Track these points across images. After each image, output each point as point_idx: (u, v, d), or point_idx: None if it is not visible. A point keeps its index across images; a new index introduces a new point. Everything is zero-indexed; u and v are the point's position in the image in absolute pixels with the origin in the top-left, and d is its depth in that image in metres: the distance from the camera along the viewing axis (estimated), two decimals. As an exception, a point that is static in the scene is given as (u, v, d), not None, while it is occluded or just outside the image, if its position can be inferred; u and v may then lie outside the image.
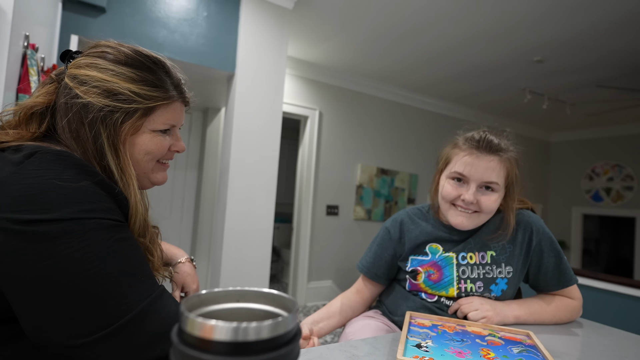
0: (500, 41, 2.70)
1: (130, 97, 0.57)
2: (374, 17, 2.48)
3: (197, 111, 3.39)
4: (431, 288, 0.92)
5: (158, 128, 0.61)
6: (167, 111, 0.62)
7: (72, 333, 0.45)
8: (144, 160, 0.62)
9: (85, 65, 0.57)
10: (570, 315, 0.91)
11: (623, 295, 2.10)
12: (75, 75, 0.56)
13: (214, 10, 2.11)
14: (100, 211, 0.49)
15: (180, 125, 0.68)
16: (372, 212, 3.81)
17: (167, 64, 0.64)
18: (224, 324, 0.24)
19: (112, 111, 0.56)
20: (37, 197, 0.46)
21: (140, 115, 0.58)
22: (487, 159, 0.86)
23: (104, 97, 0.55)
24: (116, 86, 0.56)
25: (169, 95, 0.61)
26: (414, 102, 4.15)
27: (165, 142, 0.63)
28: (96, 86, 0.55)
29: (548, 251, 0.92)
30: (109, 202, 0.52)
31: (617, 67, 3.04)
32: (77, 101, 0.55)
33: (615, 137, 4.85)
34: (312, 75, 3.47)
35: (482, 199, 0.86)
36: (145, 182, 0.65)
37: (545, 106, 3.82)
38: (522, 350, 0.67)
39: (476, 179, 0.86)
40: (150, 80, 0.59)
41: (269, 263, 2.26)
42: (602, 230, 5.48)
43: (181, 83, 0.65)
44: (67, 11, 1.77)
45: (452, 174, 0.90)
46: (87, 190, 0.49)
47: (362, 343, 0.71)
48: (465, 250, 0.93)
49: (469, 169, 0.86)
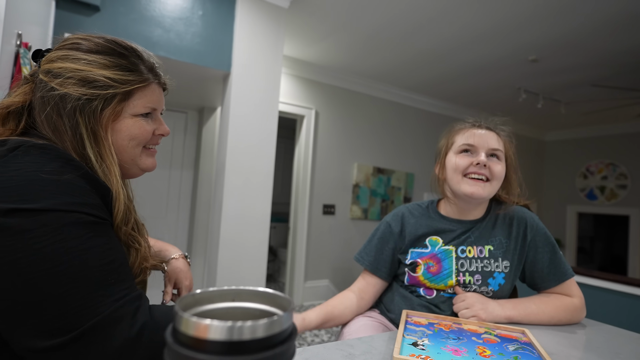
0: (496, 40, 2.71)
1: (106, 83, 0.57)
2: (370, 16, 2.48)
3: (193, 110, 3.37)
4: (430, 281, 0.93)
5: (139, 112, 0.61)
6: (145, 94, 0.62)
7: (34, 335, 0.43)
8: (130, 147, 0.62)
9: (58, 59, 0.57)
10: (571, 316, 0.88)
11: (617, 292, 2.12)
12: (48, 70, 0.56)
13: (210, 9, 2.11)
14: (82, 205, 0.48)
15: (162, 110, 0.67)
16: (368, 211, 3.82)
17: (139, 49, 0.64)
18: (219, 323, 0.23)
19: (90, 99, 0.56)
20: (17, 189, 0.45)
21: (119, 100, 0.59)
22: (488, 131, 0.94)
23: (80, 86, 0.56)
24: (91, 74, 0.56)
25: (144, 77, 0.61)
26: (410, 101, 4.16)
27: (148, 127, 0.63)
28: (70, 77, 0.55)
29: (542, 246, 0.93)
30: (92, 197, 0.50)
31: (611, 67, 3.06)
32: (54, 93, 0.55)
33: (610, 136, 4.89)
34: (308, 75, 3.47)
35: (491, 165, 0.91)
36: (135, 169, 0.64)
37: (540, 105, 3.84)
38: (518, 348, 0.68)
39: (484, 147, 0.92)
40: (124, 65, 0.59)
41: (266, 262, 2.25)
42: (596, 228, 5.52)
43: (155, 66, 0.65)
44: (61, 10, 1.75)
45: (461, 146, 0.95)
46: (70, 183, 0.48)
47: (358, 342, 0.71)
48: (465, 244, 0.94)
49: (477, 139, 0.93)
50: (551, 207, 5.43)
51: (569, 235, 5.17)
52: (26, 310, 0.42)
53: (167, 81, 0.68)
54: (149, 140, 0.64)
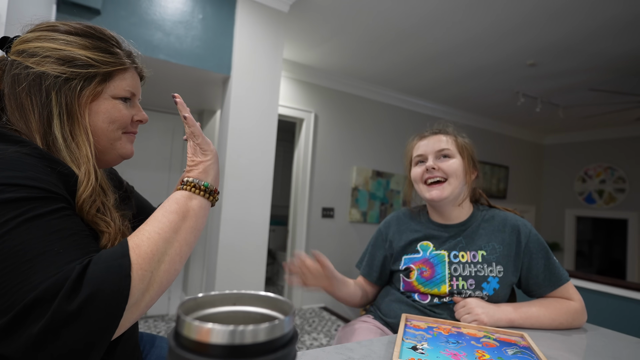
0: (494, 44, 2.73)
1: (87, 62, 0.56)
2: (369, 20, 2.49)
3: (193, 113, 3.37)
4: (424, 285, 0.94)
5: (119, 94, 0.61)
6: (125, 78, 0.62)
7: None
8: (110, 130, 0.60)
9: (35, 39, 0.56)
10: (572, 319, 0.88)
11: (616, 296, 2.12)
12: (22, 50, 0.55)
13: (210, 12, 2.11)
14: (25, 179, 0.45)
15: (139, 98, 0.67)
16: (367, 214, 3.82)
17: (116, 37, 0.64)
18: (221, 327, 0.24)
19: (69, 78, 0.55)
20: None
21: (100, 81, 0.58)
22: (434, 137, 1.02)
23: (59, 64, 0.55)
24: (70, 53, 0.55)
25: (123, 61, 0.61)
26: (409, 104, 4.17)
27: (126, 111, 0.62)
28: (48, 55, 0.54)
29: (537, 252, 0.93)
30: (40, 171, 0.48)
31: (609, 71, 3.08)
32: (30, 71, 0.54)
33: (608, 140, 4.91)
34: (307, 78, 3.48)
35: (442, 165, 0.97)
36: (113, 154, 0.63)
37: (538, 109, 3.86)
38: (517, 352, 0.68)
39: (431, 151, 1.00)
40: (103, 48, 0.59)
41: (265, 266, 2.25)
42: (595, 232, 5.53)
43: (132, 54, 0.65)
44: (62, 13, 1.76)
45: (415, 159, 1.04)
46: (14, 159, 0.46)
47: (357, 346, 0.71)
48: (457, 249, 0.96)
49: (423, 148, 1.02)
50: (550, 211, 5.44)
51: (567, 239, 5.18)
52: None
53: (144, 70, 0.68)
54: (128, 125, 0.63)
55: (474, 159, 1.02)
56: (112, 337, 0.43)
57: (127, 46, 0.65)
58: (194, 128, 0.62)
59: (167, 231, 0.51)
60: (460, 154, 0.99)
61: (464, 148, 1.00)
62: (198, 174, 0.60)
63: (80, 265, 0.43)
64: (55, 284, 0.40)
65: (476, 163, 1.03)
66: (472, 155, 1.02)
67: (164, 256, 0.49)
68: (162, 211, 0.53)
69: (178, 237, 0.52)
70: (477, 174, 1.03)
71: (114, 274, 0.43)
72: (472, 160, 1.02)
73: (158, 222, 0.51)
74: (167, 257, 0.50)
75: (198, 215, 0.56)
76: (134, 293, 0.45)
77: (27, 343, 0.39)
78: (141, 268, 0.46)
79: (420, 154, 1.02)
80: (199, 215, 0.56)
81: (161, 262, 0.49)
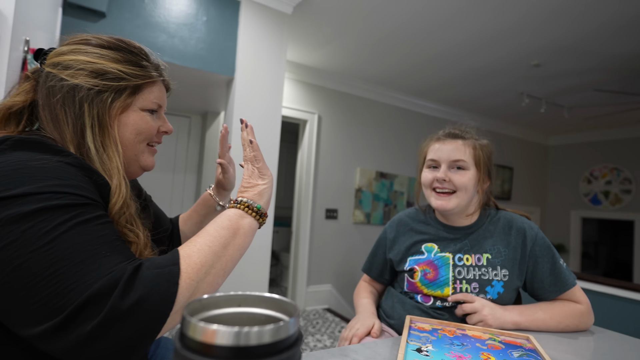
0: (498, 45, 2.72)
1: (118, 75, 0.58)
2: (373, 21, 2.49)
3: (197, 115, 3.39)
4: (427, 287, 0.94)
5: (147, 107, 0.63)
6: (153, 90, 0.64)
7: (32, 320, 0.41)
8: (136, 141, 0.62)
9: (69, 52, 0.58)
10: (578, 322, 0.87)
11: (622, 298, 2.10)
12: (57, 62, 0.57)
13: (214, 15, 2.12)
14: (69, 187, 0.47)
15: (165, 109, 0.69)
16: (371, 215, 3.81)
17: (145, 49, 0.66)
18: (226, 329, 0.24)
19: (101, 91, 0.57)
20: (3, 179, 0.44)
21: (129, 94, 0.60)
22: (451, 143, 0.96)
23: (92, 77, 0.57)
24: (103, 66, 0.57)
25: (151, 74, 0.63)
26: (413, 105, 4.17)
27: (153, 123, 0.64)
28: (82, 68, 0.56)
29: (543, 256, 0.92)
30: (82, 180, 0.50)
31: (614, 71, 3.06)
32: (64, 84, 0.56)
33: (613, 141, 4.87)
34: (311, 80, 3.48)
35: (454, 177, 0.94)
36: (135, 167, 0.65)
37: (543, 110, 3.84)
38: (523, 354, 0.67)
39: (445, 160, 0.96)
40: (134, 61, 0.61)
41: (268, 267, 2.25)
42: (600, 233, 5.48)
43: (160, 66, 0.67)
44: (67, 16, 1.77)
45: (427, 162, 1.00)
46: (57, 168, 0.48)
47: (362, 347, 0.70)
48: (462, 252, 0.95)
49: (438, 154, 0.97)
50: (555, 212, 5.40)
51: (573, 240, 5.14)
52: (19, 297, 0.41)
53: (171, 82, 0.70)
54: (153, 136, 0.65)
55: (489, 167, 0.98)
56: (152, 341, 0.44)
57: (155, 59, 0.67)
58: (257, 153, 0.66)
59: (217, 245, 0.53)
60: (475, 165, 0.95)
61: (480, 158, 0.95)
62: (253, 195, 0.62)
63: (132, 266, 0.44)
64: (109, 282, 0.41)
65: (491, 171, 0.99)
66: (489, 163, 0.98)
67: (210, 269, 0.51)
68: (214, 226, 0.55)
69: (226, 252, 0.54)
70: (491, 182, 1.00)
71: (165, 279, 0.45)
72: (487, 169, 0.97)
73: (209, 236, 0.53)
74: (213, 270, 0.51)
75: (247, 234, 0.58)
76: (179, 300, 0.46)
77: (76, 341, 0.40)
78: (189, 277, 0.47)
79: (434, 159, 0.98)
80: (248, 235, 0.58)
81: (207, 274, 0.50)
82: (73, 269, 0.42)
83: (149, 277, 0.44)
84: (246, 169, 0.66)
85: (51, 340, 0.40)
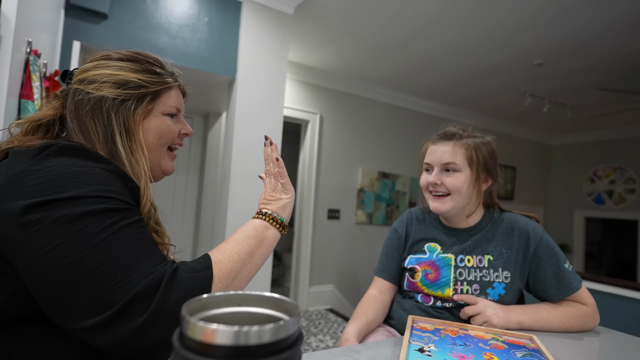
0: (501, 45, 2.71)
1: (138, 83, 0.63)
2: (375, 21, 2.49)
3: (199, 116, 3.40)
4: (428, 287, 0.94)
5: (167, 111, 0.67)
6: (171, 95, 0.68)
7: (81, 315, 0.44)
8: (159, 145, 0.67)
9: (93, 68, 0.63)
10: (583, 323, 0.86)
11: (626, 298, 2.08)
12: (83, 79, 0.62)
13: (215, 15, 2.13)
14: (112, 192, 0.51)
15: (183, 113, 0.73)
16: (373, 215, 3.81)
17: (160, 59, 0.70)
18: (226, 328, 0.23)
19: (125, 100, 0.62)
20: (53, 182, 0.48)
21: (150, 100, 0.65)
22: (444, 145, 0.96)
23: (116, 88, 0.61)
24: (124, 77, 0.62)
25: (167, 80, 0.68)
26: (415, 105, 4.16)
27: (174, 126, 0.69)
28: (106, 81, 0.61)
29: (546, 259, 0.90)
30: (122, 188, 0.54)
31: (617, 70, 3.04)
32: (91, 96, 0.60)
33: (617, 140, 4.84)
34: (312, 80, 3.48)
35: (446, 180, 0.94)
36: (157, 171, 0.69)
37: (545, 109, 3.82)
38: (526, 354, 0.67)
39: (437, 163, 0.96)
40: (150, 70, 0.66)
41: (271, 267, 2.25)
42: (604, 233, 5.45)
43: (175, 73, 0.71)
44: (70, 17, 1.78)
45: (424, 165, 1.02)
46: (101, 175, 0.52)
47: (364, 347, 0.70)
48: (464, 253, 0.94)
49: (431, 157, 0.98)
50: (558, 212, 5.38)
51: (576, 240, 5.12)
52: (70, 293, 0.44)
53: (186, 87, 0.75)
54: (175, 138, 0.69)
55: (489, 166, 0.96)
56: None
57: (170, 67, 0.71)
58: (282, 170, 0.72)
59: (245, 253, 0.58)
60: (469, 166, 0.93)
61: (473, 158, 0.93)
62: (277, 208, 0.68)
63: (171, 268, 0.49)
64: (153, 282, 0.46)
65: (491, 170, 0.97)
66: (488, 162, 0.96)
67: (238, 274, 0.56)
68: (242, 235, 0.61)
69: (252, 260, 0.59)
70: (494, 180, 0.98)
71: (200, 282, 0.50)
72: (486, 169, 0.95)
73: (238, 244, 0.58)
74: (240, 275, 0.57)
75: (270, 244, 0.63)
76: None
77: (122, 335, 0.44)
78: (220, 281, 0.53)
79: (428, 163, 0.99)
80: (271, 245, 0.64)
81: (235, 279, 0.56)
82: (120, 269, 0.45)
83: (185, 280, 0.48)
84: (269, 183, 0.71)
85: (98, 334, 0.44)
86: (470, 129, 0.99)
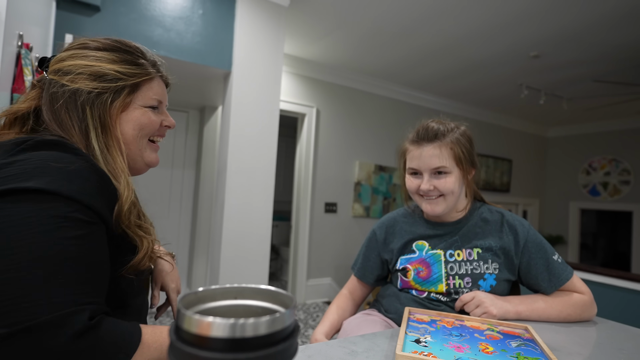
0: (497, 37, 2.70)
1: (115, 76, 0.60)
2: (370, 13, 2.47)
3: (194, 110, 3.37)
4: (421, 285, 0.95)
5: (147, 103, 0.65)
6: (152, 87, 0.65)
7: None
8: (139, 137, 0.64)
9: (68, 57, 0.60)
10: (581, 312, 0.87)
11: (620, 288, 2.11)
12: (58, 69, 0.59)
13: (210, 8, 2.10)
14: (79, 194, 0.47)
15: (166, 104, 0.71)
16: (370, 209, 3.82)
17: (141, 48, 0.67)
18: (222, 321, 0.23)
19: (101, 93, 0.59)
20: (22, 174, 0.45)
21: (128, 93, 0.62)
22: (429, 148, 0.93)
23: (91, 80, 0.59)
24: (100, 69, 0.59)
25: (148, 71, 0.65)
26: (411, 98, 4.15)
27: (155, 117, 0.66)
28: (81, 72, 0.58)
29: (535, 252, 0.92)
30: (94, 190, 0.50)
31: (613, 62, 3.05)
32: (65, 89, 0.58)
33: (612, 132, 4.87)
34: (309, 73, 3.46)
35: (438, 183, 0.92)
36: (140, 163, 0.67)
37: (542, 101, 3.82)
38: (521, 344, 0.68)
39: (426, 169, 0.93)
40: (130, 60, 0.63)
41: (268, 261, 2.26)
42: (599, 224, 5.50)
43: (157, 63, 0.68)
44: (62, 10, 1.75)
45: (409, 170, 0.98)
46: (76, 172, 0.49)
47: (361, 339, 0.71)
48: (453, 247, 0.95)
49: (418, 162, 0.94)
50: (553, 204, 5.42)
51: (571, 231, 5.16)
52: None
53: (169, 77, 0.72)
54: (156, 130, 0.67)
55: (472, 157, 0.95)
56: None
57: (152, 56, 0.68)
58: None
59: None
60: (457, 165, 0.92)
61: (460, 156, 0.92)
62: None
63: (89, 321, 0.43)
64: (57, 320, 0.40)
65: (474, 160, 0.96)
66: (471, 154, 0.95)
67: None
68: None
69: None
70: (476, 168, 0.97)
71: None
72: (470, 161, 0.95)
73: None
74: None
75: None
76: None
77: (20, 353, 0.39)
78: None
79: (414, 168, 0.95)
80: None
81: None
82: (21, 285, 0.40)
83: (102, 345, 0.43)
84: None
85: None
86: (447, 121, 0.97)
